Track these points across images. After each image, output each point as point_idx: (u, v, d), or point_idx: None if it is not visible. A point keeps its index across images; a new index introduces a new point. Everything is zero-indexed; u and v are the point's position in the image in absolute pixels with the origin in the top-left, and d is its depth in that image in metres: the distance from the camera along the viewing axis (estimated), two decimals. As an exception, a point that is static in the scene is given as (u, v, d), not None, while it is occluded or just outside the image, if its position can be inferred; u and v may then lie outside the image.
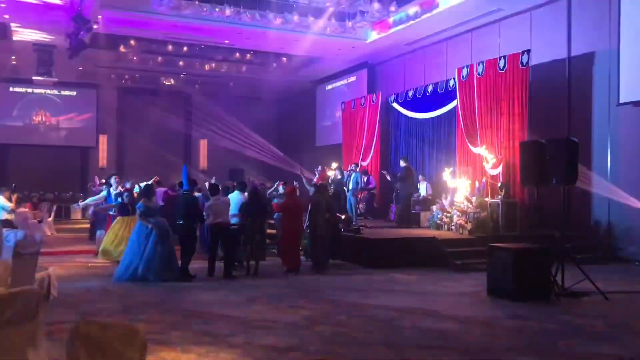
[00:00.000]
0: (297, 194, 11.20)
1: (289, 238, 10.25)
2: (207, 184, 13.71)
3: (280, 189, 12.57)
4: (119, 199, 10.88)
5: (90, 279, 9.47)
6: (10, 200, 11.95)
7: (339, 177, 15.80)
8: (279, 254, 10.75)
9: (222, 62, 21.70)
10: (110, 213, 11.57)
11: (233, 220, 10.11)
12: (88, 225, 15.63)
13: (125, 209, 10.48)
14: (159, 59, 21.37)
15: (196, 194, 10.58)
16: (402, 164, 14.21)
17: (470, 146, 13.64)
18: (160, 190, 13.04)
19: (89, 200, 13.14)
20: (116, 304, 7.53)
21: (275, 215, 11.51)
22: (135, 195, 11.69)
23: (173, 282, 9.03)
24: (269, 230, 12.01)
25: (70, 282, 8.83)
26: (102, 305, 7.40)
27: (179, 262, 9.45)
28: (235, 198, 10.64)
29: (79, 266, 10.80)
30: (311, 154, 23.47)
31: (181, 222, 9.55)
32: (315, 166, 18.38)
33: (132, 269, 9.11)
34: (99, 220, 12.33)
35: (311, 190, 11.44)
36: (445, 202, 13.04)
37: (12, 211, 11.48)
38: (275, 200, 11.78)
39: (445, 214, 12.70)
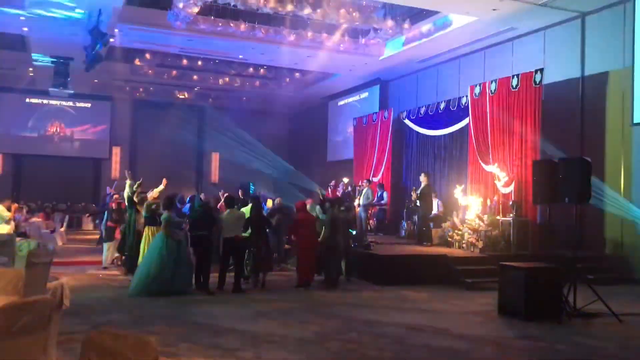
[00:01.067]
0: (307, 208, 11.19)
1: (302, 252, 10.27)
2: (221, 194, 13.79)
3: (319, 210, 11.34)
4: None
5: (101, 290, 9.52)
6: (9, 210, 11.93)
7: (349, 190, 15.87)
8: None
9: (235, 76, 21.95)
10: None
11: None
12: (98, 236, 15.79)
13: (153, 219, 10.00)
14: (174, 72, 21.66)
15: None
16: (424, 180, 13.75)
17: (482, 164, 13.61)
18: None
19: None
20: (126, 315, 7.56)
21: None
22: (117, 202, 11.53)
23: (193, 295, 9.05)
24: (286, 246, 12.11)
25: (81, 292, 8.87)
26: (112, 317, 7.44)
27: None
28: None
29: (90, 277, 10.87)
30: (322, 169, 23.50)
31: (203, 233, 9.44)
32: (326, 181, 18.47)
33: (162, 280, 8.87)
34: (107, 233, 12.29)
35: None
36: (457, 220, 13.00)
37: (9, 221, 11.42)
38: None
39: (456, 231, 12.65)
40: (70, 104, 24.71)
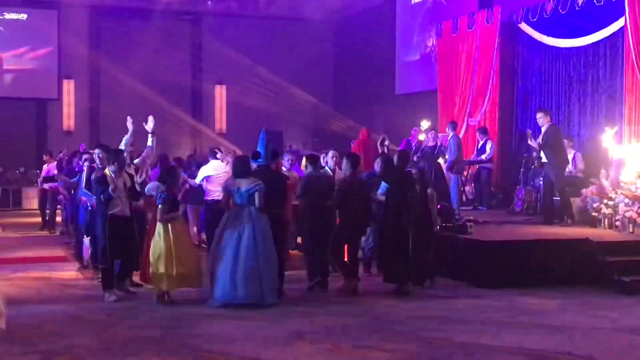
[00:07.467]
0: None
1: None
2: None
3: None
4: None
5: (55, 301, 9.70)
6: None
7: (432, 144, 15.67)
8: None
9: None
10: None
11: None
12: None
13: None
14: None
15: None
16: (544, 119, 13.42)
17: (648, 91, 13.42)
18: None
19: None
20: (93, 339, 7.73)
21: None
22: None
23: None
24: None
25: (24, 305, 9.09)
26: (73, 341, 7.61)
27: None
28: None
29: (37, 281, 11.08)
30: (388, 108, 23.45)
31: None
32: (394, 127, 18.36)
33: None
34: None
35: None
36: (606, 183, 12.90)
37: None
38: None
39: (605, 201, 12.56)
40: (-4, 15, 24.97)
